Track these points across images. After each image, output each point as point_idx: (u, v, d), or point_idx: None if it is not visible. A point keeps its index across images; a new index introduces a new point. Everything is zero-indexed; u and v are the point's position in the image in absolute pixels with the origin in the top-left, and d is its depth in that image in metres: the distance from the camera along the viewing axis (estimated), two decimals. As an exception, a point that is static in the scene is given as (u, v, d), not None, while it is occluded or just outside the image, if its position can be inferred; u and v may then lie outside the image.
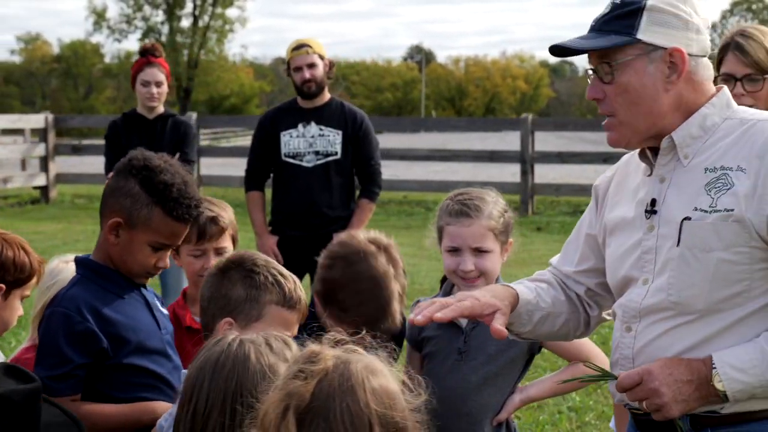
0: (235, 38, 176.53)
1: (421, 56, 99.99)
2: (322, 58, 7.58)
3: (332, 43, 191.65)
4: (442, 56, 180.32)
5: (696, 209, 2.85)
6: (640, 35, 2.88)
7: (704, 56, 2.95)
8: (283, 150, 7.58)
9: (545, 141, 25.46)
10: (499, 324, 2.98)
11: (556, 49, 2.99)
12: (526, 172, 18.24)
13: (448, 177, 21.35)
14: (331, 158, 7.54)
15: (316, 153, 7.50)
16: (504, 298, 3.08)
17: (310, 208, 7.51)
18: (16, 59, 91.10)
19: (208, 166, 21.98)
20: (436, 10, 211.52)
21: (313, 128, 7.56)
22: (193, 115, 20.37)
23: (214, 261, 4.29)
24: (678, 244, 2.88)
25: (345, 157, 7.56)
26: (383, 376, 2.30)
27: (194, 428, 2.53)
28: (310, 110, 7.62)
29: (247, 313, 3.23)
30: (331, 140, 7.53)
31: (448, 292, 3.97)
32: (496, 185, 16.63)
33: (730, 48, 4.51)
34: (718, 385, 2.79)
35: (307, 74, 7.50)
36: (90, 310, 3.53)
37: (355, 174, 7.72)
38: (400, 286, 3.73)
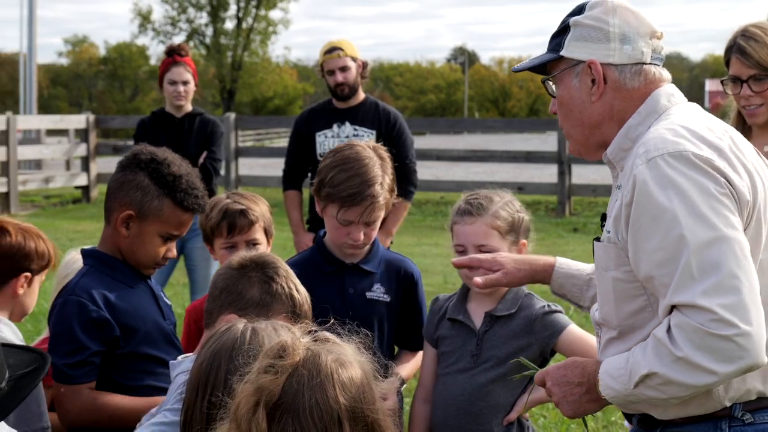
0: (278, 40, 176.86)
1: (464, 58, 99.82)
2: (354, 59, 7.58)
3: (376, 45, 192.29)
4: (485, 58, 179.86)
5: (607, 230, 2.92)
6: (563, 51, 3.01)
7: (637, 64, 2.96)
8: (318, 150, 7.60)
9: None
10: (482, 278, 3.46)
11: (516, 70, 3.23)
12: (563, 172, 18.17)
13: (486, 178, 21.29)
14: None
15: (351, 152, 7.49)
16: (525, 263, 3.44)
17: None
18: (64, 61, 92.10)
19: (250, 166, 22.09)
20: (480, 11, 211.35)
21: (348, 128, 7.58)
22: (231, 116, 20.49)
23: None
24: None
25: None
26: (353, 368, 2.30)
27: (211, 416, 2.53)
28: (345, 110, 7.63)
29: (254, 315, 3.25)
30: (366, 140, 7.53)
31: (464, 293, 3.99)
32: (533, 186, 16.64)
33: (733, 51, 4.49)
34: (600, 390, 2.84)
35: (339, 77, 7.51)
36: (102, 299, 3.62)
37: (391, 173, 7.69)
38: (389, 179, 4.03)
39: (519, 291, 3.91)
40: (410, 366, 4.23)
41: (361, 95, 7.68)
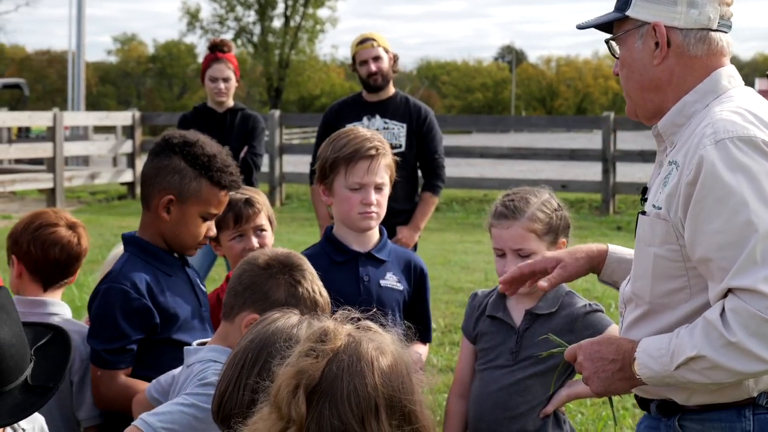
0: (326, 38, 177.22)
1: (512, 56, 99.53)
2: (386, 51, 7.59)
3: (423, 44, 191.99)
4: (533, 56, 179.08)
5: (653, 205, 2.88)
6: (628, 11, 2.95)
7: (702, 29, 2.90)
8: None
9: (629, 140, 25.18)
10: (546, 281, 3.26)
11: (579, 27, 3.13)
12: (608, 170, 18.04)
13: (530, 176, 21.22)
14: (395, 151, 7.51)
15: (381, 145, 7.49)
16: (579, 252, 3.30)
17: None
18: (113, 59, 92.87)
19: (295, 164, 22.15)
20: (529, 10, 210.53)
21: (378, 121, 7.57)
22: (276, 113, 20.55)
23: (255, 240, 4.43)
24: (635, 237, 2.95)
25: (409, 150, 7.54)
26: (394, 357, 2.30)
27: (254, 400, 2.53)
28: (375, 104, 7.64)
29: None
30: (396, 133, 7.54)
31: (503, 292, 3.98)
32: (577, 184, 16.55)
33: None
34: (636, 369, 2.80)
35: (372, 67, 7.52)
36: (144, 286, 3.69)
37: (419, 168, 7.71)
38: (388, 147, 4.17)
39: (560, 289, 3.88)
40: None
41: (392, 89, 7.69)
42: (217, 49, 8.35)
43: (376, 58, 7.53)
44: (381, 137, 4.18)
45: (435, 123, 7.72)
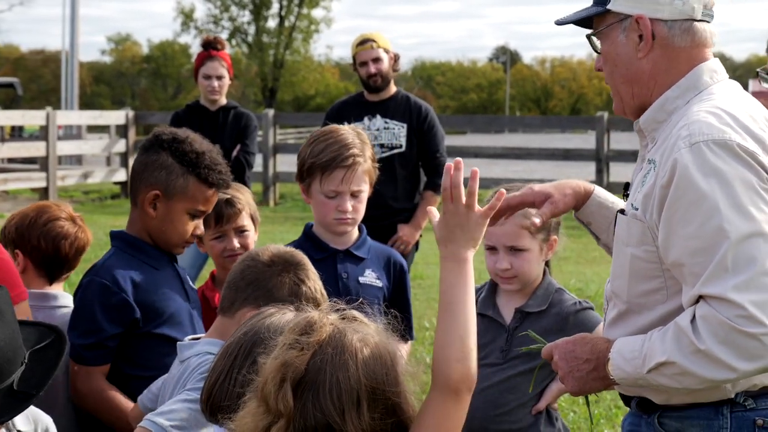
0: (320, 38, 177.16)
1: (506, 57, 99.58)
2: (386, 51, 7.58)
3: (418, 44, 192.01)
4: (527, 57, 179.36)
5: (631, 204, 2.85)
6: (610, 5, 2.90)
7: (687, 20, 2.86)
8: None
9: (623, 140, 25.20)
10: (537, 217, 3.16)
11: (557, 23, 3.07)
12: (601, 170, 18.08)
13: (525, 176, 21.24)
14: (396, 151, 7.52)
15: (381, 146, 7.47)
16: (567, 187, 3.20)
17: (374, 200, 7.47)
18: (107, 59, 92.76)
19: (289, 163, 22.10)
20: (523, 11, 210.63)
21: (379, 121, 7.55)
22: (270, 112, 20.53)
23: (235, 241, 4.42)
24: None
25: (410, 149, 7.54)
26: (378, 347, 2.29)
27: (241, 394, 2.51)
28: (376, 103, 7.62)
29: None
30: (396, 133, 7.53)
31: (493, 287, 3.96)
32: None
33: None
34: (609, 370, 2.79)
35: (372, 69, 7.51)
36: (126, 280, 3.66)
37: (421, 166, 7.71)
38: (369, 150, 4.13)
39: (550, 287, 3.88)
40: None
41: (393, 88, 7.68)
42: (210, 47, 8.33)
43: (376, 60, 7.53)
44: (364, 138, 4.15)
45: (436, 121, 7.71)
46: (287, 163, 21.97)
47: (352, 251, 4.19)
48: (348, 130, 4.14)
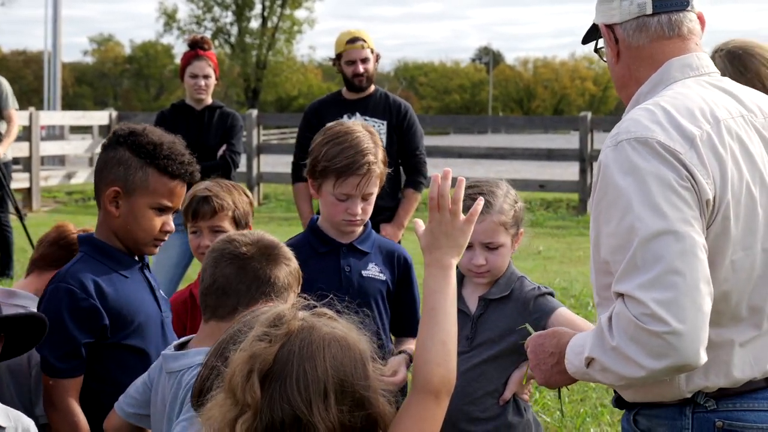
0: (303, 39, 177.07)
1: (489, 58, 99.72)
2: (372, 51, 7.62)
3: (402, 45, 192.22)
4: (510, 58, 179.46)
5: None
6: (594, 18, 3.03)
7: (638, 18, 2.88)
8: None
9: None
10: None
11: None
12: (585, 170, 18.11)
13: (508, 176, 21.24)
14: None
15: (361, 144, 7.47)
16: None
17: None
18: (89, 60, 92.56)
19: (273, 164, 22.11)
20: (506, 12, 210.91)
21: (358, 119, 7.50)
22: (254, 113, 20.51)
23: (208, 239, 4.39)
24: None
25: (390, 147, 7.48)
26: (348, 342, 2.30)
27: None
28: (355, 101, 7.63)
29: (284, 299, 3.18)
30: (376, 131, 7.50)
31: (459, 278, 3.96)
32: (555, 184, 16.59)
33: None
34: (565, 363, 2.83)
35: (360, 68, 7.53)
36: (94, 286, 3.49)
37: (401, 164, 7.70)
38: (381, 152, 4.10)
39: (512, 275, 3.91)
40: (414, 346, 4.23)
41: (372, 87, 7.69)
42: (197, 46, 8.32)
43: (365, 60, 7.55)
44: (377, 140, 4.13)
45: (415, 119, 7.73)
46: (271, 164, 22.01)
47: (356, 245, 4.16)
48: (363, 132, 4.09)
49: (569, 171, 21.63)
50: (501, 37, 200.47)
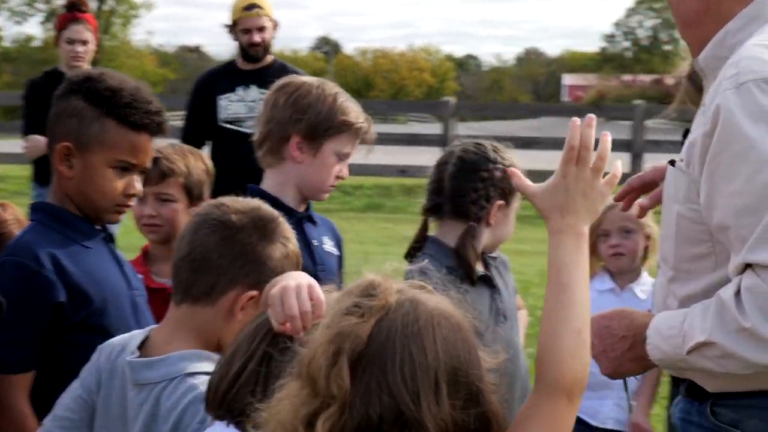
0: (140, 24, 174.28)
1: (328, 47, 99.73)
2: (270, 19, 7.13)
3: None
4: (350, 48, 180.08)
5: (681, 156, 2.48)
6: None
7: None
8: (221, 115, 7.07)
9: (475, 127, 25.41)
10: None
11: None
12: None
13: (377, 161, 20.97)
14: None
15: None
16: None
17: (251, 174, 6.99)
18: None
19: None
20: (345, 2, 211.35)
21: (254, 91, 7.05)
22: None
23: (151, 207, 3.82)
24: None
25: None
26: (459, 321, 1.82)
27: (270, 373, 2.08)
28: (250, 72, 7.11)
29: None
30: None
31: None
32: (418, 170, 16.30)
33: None
34: (647, 349, 2.43)
35: (256, 37, 7.03)
36: (49, 259, 2.91)
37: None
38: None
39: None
40: None
41: (269, 57, 7.18)
42: (75, 9, 7.64)
43: (261, 29, 7.05)
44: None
45: None
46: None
47: (312, 215, 3.65)
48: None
49: (428, 156, 21.48)
50: (340, 27, 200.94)
